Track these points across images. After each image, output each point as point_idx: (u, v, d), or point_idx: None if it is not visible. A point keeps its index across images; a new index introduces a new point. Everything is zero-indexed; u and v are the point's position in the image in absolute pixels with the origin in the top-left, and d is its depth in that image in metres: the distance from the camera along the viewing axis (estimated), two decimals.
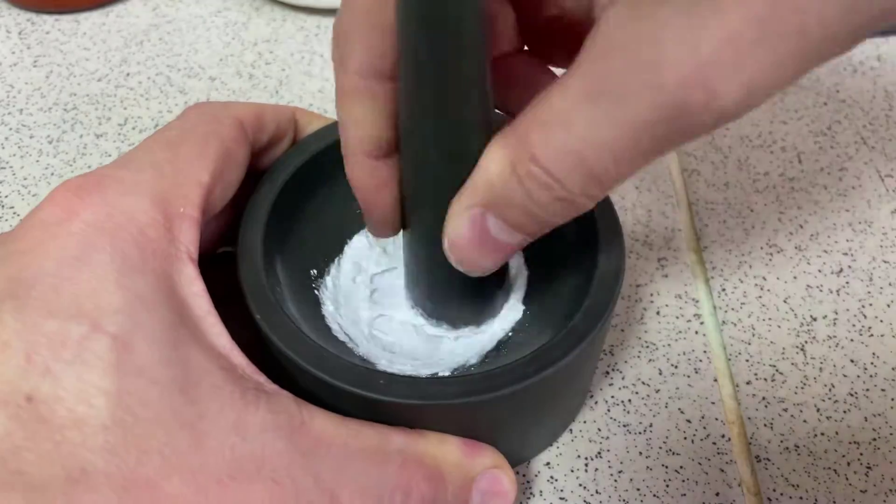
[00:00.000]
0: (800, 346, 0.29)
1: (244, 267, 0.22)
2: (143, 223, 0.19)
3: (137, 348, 0.17)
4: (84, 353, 0.17)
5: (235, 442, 0.18)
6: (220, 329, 0.19)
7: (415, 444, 0.20)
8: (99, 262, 0.18)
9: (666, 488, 0.25)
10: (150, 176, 0.20)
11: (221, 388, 0.18)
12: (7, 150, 0.35)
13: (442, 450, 0.21)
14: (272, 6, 0.43)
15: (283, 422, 0.18)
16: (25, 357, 0.16)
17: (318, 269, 0.26)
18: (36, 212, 0.18)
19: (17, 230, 0.18)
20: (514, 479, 0.21)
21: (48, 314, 0.17)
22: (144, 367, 0.17)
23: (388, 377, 0.20)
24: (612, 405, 0.27)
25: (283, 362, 0.21)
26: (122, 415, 0.16)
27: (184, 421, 0.17)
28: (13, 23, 0.42)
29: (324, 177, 0.25)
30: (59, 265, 0.17)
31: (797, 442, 0.26)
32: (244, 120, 0.22)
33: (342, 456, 0.19)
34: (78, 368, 0.16)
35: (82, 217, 0.18)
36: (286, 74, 0.39)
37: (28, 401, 0.16)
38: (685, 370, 0.28)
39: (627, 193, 0.34)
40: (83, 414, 0.16)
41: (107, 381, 0.17)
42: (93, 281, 0.17)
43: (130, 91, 0.38)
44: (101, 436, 0.16)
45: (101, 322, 0.17)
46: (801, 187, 0.35)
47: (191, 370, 0.18)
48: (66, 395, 0.16)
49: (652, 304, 0.30)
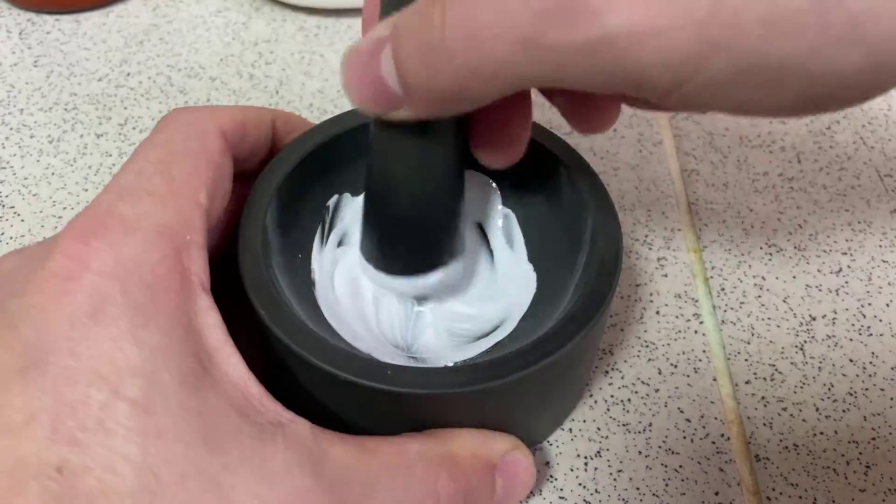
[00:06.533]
0: (799, 345, 0.29)
1: (245, 263, 0.22)
2: (152, 262, 0.19)
3: (157, 409, 0.17)
4: (106, 420, 0.17)
5: (261, 490, 0.18)
6: (236, 359, 0.19)
7: (431, 447, 0.20)
8: (112, 318, 0.18)
9: (665, 487, 0.25)
10: (150, 206, 0.19)
11: (240, 430, 0.18)
12: (7, 150, 0.35)
13: (457, 444, 0.21)
14: (272, 6, 0.43)
15: (305, 457, 0.18)
16: (52, 428, 0.16)
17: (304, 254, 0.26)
18: (46, 261, 0.18)
19: (31, 281, 0.18)
20: (530, 457, 0.22)
21: (69, 382, 0.17)
22: (166, 428, 0.17)
23: (394, 368, 0.20)
24: (611, 404, 0.27)
25: (287, 356, 0.21)
26: (148, 480, 0.17)
27: (209, 477, 0.17)
28: (13, 23, 0.42)
29: (322, 174, 0.26)
30: (74, 325, 0.17)
31: (796, 441, 0.26)
32: (227, 130, 0.22)
33: (367, 479, 0.19)
34: (102, 436, 0.17)
35: (91, 267, 0.18)
36: (286, 74, 0.39)
37: (58, 472, 0.16)
38: (684, 369, 0.28)
39: (627, 193, 0.34)
40: (110, 483, 0.16)
41: (130, 447, 0.17)
42: (108, 341, 0.17)
43: (131, 91, 0.38)
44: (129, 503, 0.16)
45: (120, 387, 0.17)
46: (801, 187, 0.35)
47: (210, 417, 0.18)
48: (93, 465, 0.16)
49: (651, 303, 0.30)
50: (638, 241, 0.32)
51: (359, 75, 0.18)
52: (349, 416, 0.21)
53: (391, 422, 0.21)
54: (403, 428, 0.21)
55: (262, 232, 0.23)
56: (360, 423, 0.21)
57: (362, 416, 0.21)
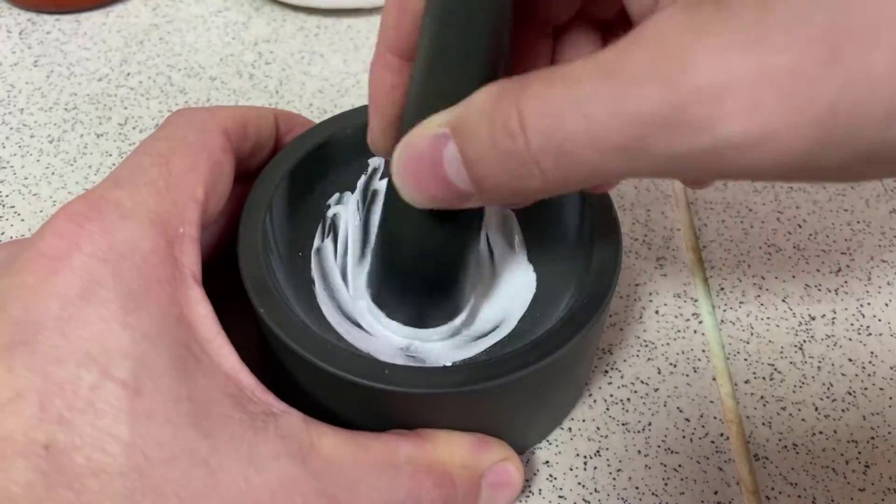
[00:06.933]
0: (798, 345, 0.29)
1: (245, 261, 0.22)
2: (145, 250, 0.19)
3: (147, 391, 0.17)
4: (96, 400, 0.17)
5: (249, 473, 0.18)
6: (228, 350, 0.19)
7: (423, 452, 0.20)
8: (103, 300, 0.18)
9: (664, 487, 0.25)
10: (146, 196, 0.19)
11: (231, 417, 0.18)
12: (8, 150, 0.35)
13: (450, 453, 0.21)
14: (272, 6, 0.43)
15: (294, 447, 0.19)
16: (39, 406, 0.16)
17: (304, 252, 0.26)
18: (37, 241, 0.18)
19: (19, 261, 0.18)
20: (521, 468, 0.22)
21: (57, 361, 0.17)
22: (155, 409, 0.17)
23: (391, 367, 0.20)
24: (610, 404, 0.27)
25: (286, 355, 0.21)
26: (138, 460, 0.17)
27: (198, 458, 0.17)
28: (13, 23, 0.42)
29: (323, 173, 0.26)
30: (64, 305, 0.17)
31: (795, 441, 0.26)
32: (229, 129, 0.22)
33: (353, 474, 0.19)
34: (91, 416, 0.17)
35: (84, 249, 0.18)
36: (286, 74, 0.39)
37: (46, 450, 0.16)
38: (684, 369, 0.28)
39: (626, 193, 0.34)
40: (100, 461, 0.16)
41: (120, 427, 0.17)
42: (98, 322, 0.17)
43: (131, 91, 0.38)
44: (119, 482, 0.16)
45: (109, 368, 0.17)
46: (800, 186, 0.35)
47: (200, 402, 0.18)
48: (82, 444, 0.16)
49: (651, 303, 0.30)
50: (637, 240, 0.32)
51: (419, 175, 0.17)
52: (347, 414, 0.21)
53: (388, 420, 0.21)
54: (400, 427, 0.21)
55: (262, 230, 0.23)
56: (358, 421, 0.21)
57: (360, 415, 0.21)
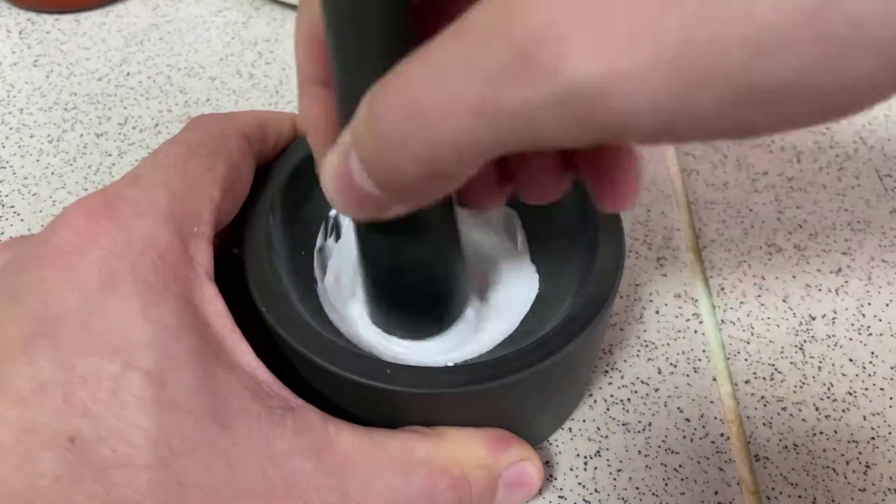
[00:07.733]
0: (798, 345, 0.29)
1: (249, 261, 0.22)
2: (161, 247, 0.19)
3: (170, 382, 0.17)
4: (120, 391, 0.17)
5: (266, 467, 0.18)
6: (245, 347, 0.19)
7: (438, 452, 0.20)
8: (123, 294, 0.18)
9: (665, 487, 0.25)
10: (162, 195, 0.19)
11: (249, 411, 0.18)
12: (7, 150, 0.35)
13: (466, 453, 0.21)
14: (272, 6, 0.43)
15: (310, 442, 0.19)
16: (63, 398, 0.16)
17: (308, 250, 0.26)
18: (49, 235, 0.18)
19: (33, 255, 0.18)
20: (540, 468, 0.22)
21: (80, 353, 0.17)
22: (178, 400, 0.17)
23: (394, 367, 0.20)
24: (611, 404, 0.27)
25: (289, 354, 0.21)
26: (163, 452, 0.17)
27: (217, 450, 0.17)
28: (13, 22, 0.42)
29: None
30: (84, 299, 0.17)
31: (796, 441, 0.26)
32: (248, 132, 0.22)
33: (369, 471, 0.19)
34: (115, 408, 0.17)
35: (100, 244, 0.18)
36: (286, 74, 0.39)
37: (72, 442, 0.16)
38: (684, 369, 0.28)
39: None
40: (125, 453, 0.16)
41: (145, 418, 0.17)
42: (119, 315, 0.17)
43: (131, 91, 0.38)
44: (145, 474, 0.16)
45: (132, 359, 0.17)
46: (800, 187, 0.35)
47: (220, 395, 0.18)
48: (107, 436, 0.16)
49: (651, 303, 0.30)
50: (638, 240, 0.32)
51: (339, 189, 0.16)
52: (350, 414, 0.21)
53: (391, 420, 0.21)
54: (403, 426, 0.21)
55: (266, 230, 0.23)
56: (361, 421, 0.21)
57: (363, 414, 0.21)
